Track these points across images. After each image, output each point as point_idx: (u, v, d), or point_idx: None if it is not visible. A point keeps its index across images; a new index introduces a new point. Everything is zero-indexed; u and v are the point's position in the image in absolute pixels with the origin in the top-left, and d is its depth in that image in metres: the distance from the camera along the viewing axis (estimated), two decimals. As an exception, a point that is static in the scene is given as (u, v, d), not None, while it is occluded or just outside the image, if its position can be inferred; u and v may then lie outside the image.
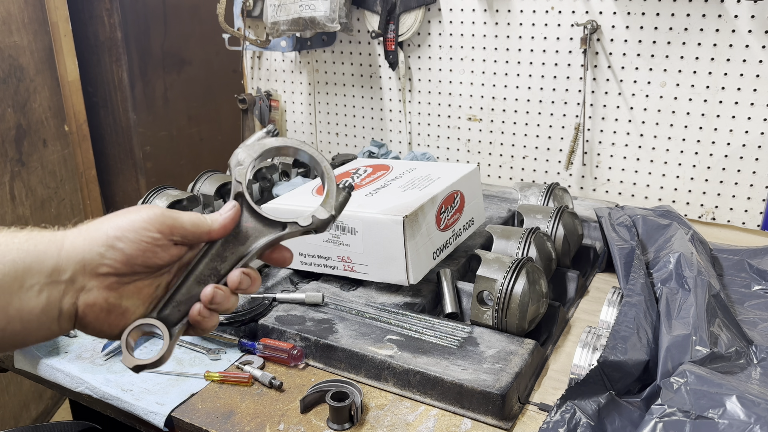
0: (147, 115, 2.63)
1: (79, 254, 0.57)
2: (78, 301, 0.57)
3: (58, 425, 1.10)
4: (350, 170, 1.40)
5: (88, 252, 0.57)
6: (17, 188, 2.09)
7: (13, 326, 0.55)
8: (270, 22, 1.78)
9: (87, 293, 0.57)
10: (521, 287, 1.03)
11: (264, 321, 1.08)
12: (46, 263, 0.56)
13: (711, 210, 1.59)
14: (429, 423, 0.90)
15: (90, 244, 0.57)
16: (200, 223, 0.61)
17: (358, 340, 1.02)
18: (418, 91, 1.89)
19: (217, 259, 0.62)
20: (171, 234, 0.59)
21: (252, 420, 0.91)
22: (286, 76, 2.11)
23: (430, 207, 1.15)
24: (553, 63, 1.66)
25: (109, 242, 0.57)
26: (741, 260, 1.30)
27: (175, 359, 1.05)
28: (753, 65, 1.44)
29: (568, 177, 1.74)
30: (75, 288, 0.57)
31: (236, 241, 0.63)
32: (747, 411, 0.75)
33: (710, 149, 1.55)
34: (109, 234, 0.57)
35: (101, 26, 2.43)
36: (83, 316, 0.58)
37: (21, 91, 2.07)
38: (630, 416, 0.87)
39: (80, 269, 0.57)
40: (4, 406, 2.11)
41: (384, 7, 1.77)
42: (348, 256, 1.15)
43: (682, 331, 0.92)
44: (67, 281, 0.57)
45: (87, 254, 0.57)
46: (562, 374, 1.01)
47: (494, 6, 1.68)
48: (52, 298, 0.56)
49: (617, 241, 1.22)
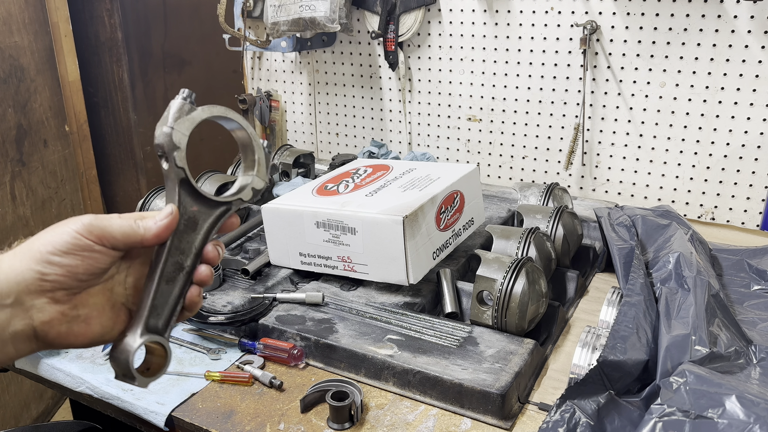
0: (147, 116, 2.63)
1: (18, 275, 0.56)
2: (33, 321, 0.56)
3: (59, 425, 1.11)
4: (350, 170, 1.40)
5: (27, 271, 0.56)
6: (18, 188, 2.09)
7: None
8: (270, 22, 1.79)
9: (39, 311, 0.56)
10: (521, 287, 1.03)
11: (264, 321, 1.08)
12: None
13: (710, 210, 1.59)
14: (429, 422, 0.90)
15: (27, 263, 0.56)
16: (131, 233, 0.59)
17: (358, 339, 1.03)
18: (418, 91, 1.89)
19: (177, 252, 0.61)
20: (101, 242, 0.58)
21: (252, 419, 0.91)
22: (286, 77, 2.11)
23: (430, 207, 1.15)
24: (553, 63, 1.66)
25: (44, 258, 0.56)
26: (740, 260, 1.30)
27: (175, 359, 1.05)
28: (752, 65, 1.45)
29: (567, 177, 1.75)
30: (23, 309, 0.56)
31: (188, 230, 0.62)
32: (746, 411, 0.75)
33: (709, 149, 1.55)
34: (42, 250, 0.56)
35: (102, 26, 2.43)
36: (44, 334, 0.57)
37: (22, 92, 2.07)
38: (629, 416, 0.87)
39: (24, 290, 0.56)
40: (4, 406, 2.11)
41: (384, 8, 1.77)
42: (348, 256, 1.15)
43: (682, 331, 0.92)
44: (12, 305, 0.55)
45: (26, 274, 0.56)
46: (561, 374, 1.01)
47: (494, 6, 1.69)
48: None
49: (617, 241, 1.22)
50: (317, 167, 1.87)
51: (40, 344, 0.58)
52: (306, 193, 1.26)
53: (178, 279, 0.61)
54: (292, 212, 1.18)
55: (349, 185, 1.28)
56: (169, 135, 0.60)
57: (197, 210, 0.63)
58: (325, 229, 1.15)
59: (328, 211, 1.15)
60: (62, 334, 0.58)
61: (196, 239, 0.63)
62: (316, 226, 1.16)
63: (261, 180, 0.68)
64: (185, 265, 0.62)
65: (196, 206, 0.63)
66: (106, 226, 0.58)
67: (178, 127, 0.60)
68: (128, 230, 0.59)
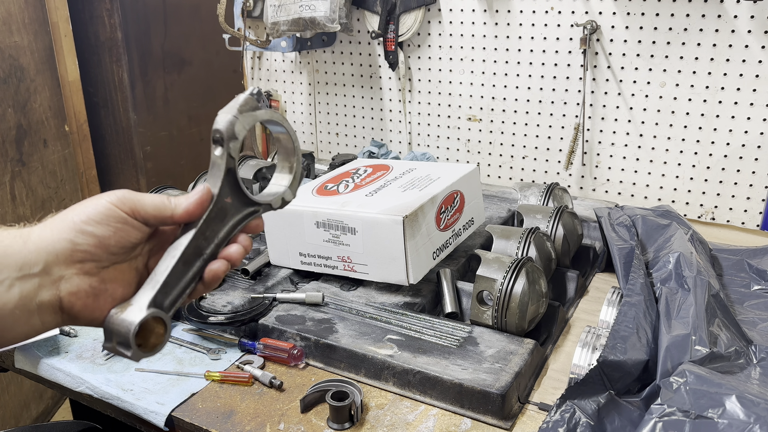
0: (147, 115, 2.63)
1: (49, 245, 0.56)
2: (60, 292, 0.56)
3: (59, 425, 1.11)
4: (350, 170, 1.40)
5: (58, 241, 0.56)
6: (18, 188, 2.09)
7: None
8: (270, 22, 1.79)
9: (67, 282, 0.56)
10: (521, 287, 1.03)
11: (264, 321, 1.08)
12: (13, 258, 0.55)
13: (710, 210, 1.59)
14: (429, 422, 0.90)
15: (59, 233, 0.56)
16: (162, 207, 0.60)
17: (358, 339, 1.03)
18: (418, 91, 1.89)
19: (201, 237, 0.61)
20: (134, 215, 0.59)
21: (252, 419, 0.91)
22: (286, 77, 2.11)
23: (430, 207, 1.15)
24: (553, 63, 1.66)
25: (78, 228, 0.57)
26: (740, 260, 1.30)
27: (175, 359, 1.05)
28: (752, 65, 1.45)
29: (567, 177, 1.75)
30: (51, 279, 0.56)
31: (217, 219, 0.62)
32: (746, 411, 0.75)
33: (710, 149, 1.55)
34: (76, 220, 0.57)
35: (102, 26, 2.43)
36: (70, 306, 0.57)
37: (21, 91, 2.07)
38: (630, 416, 0.87)
39: (53, 260, 0.56)
40: (4, 406, 2.11)
41: (384, 8, 1.77)
42: (348, 256, 1.15)
43: (682, 331, 0.92)
44: (40, 274, 0.56)
45: (57, 244, 0.56)
46: (561, 374, 1.01)
47: (494, 6, 1.69)
48: (25, 293, 0.55)
49: (617, 241, 1.22)
50: (317, 167, 1.87)
51: (65, 317, 0.58)
52: (306, 193, 1.26)
53: (194, 264, 0.61)
54: (292, 212, 1.18)
55: (349, 185, 1.28)
56: (232, 123, 0.61)
57: (230, 202, 0.63)
58: (325, 229, 1.15)
59: (328, 211, 1.15)
60: (88, 307, 0.58)
61: (221, 230, 0.63)
62: (316, 226, 1.16)
63: (292, 193, 0.69)
64: (205, 252, 0.62)
65: (231, 198, 0.63)
66: (139, 199, 0.59)
67: (242, 119, 0.61)
68: (160, 204, 0.60)
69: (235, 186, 0.63)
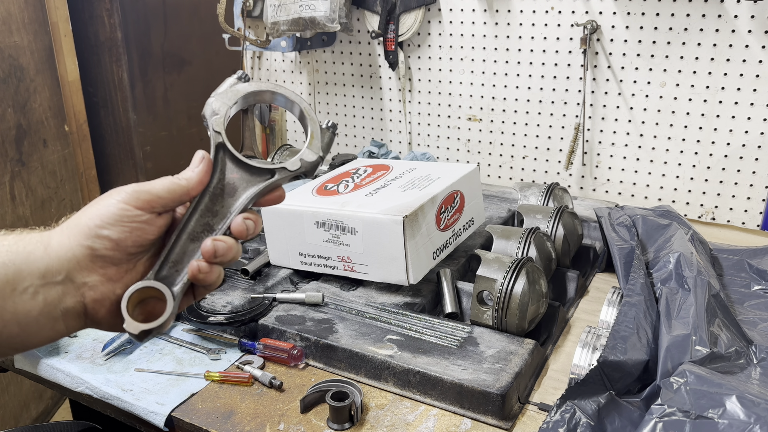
0: (147, 115, 2.63)
1: (68, 252, 0.56)
2: (84, 298, 0.57)
3: (59, 425, 1.10)
4: (350, 170, 1.40)
5: (76, 248, 0.56)
6: (17, 188, 2.09)
7: (10, 329, 0.55)
8: (270, 22, 1.79)
9: (92, 290, 0.57)
10: (521, 287, 1.03)
11: (264, 321, 1.08)
12: (35, 265, 0.55)
13: (711, 210, 1.59)
14: (429, 423, 0.90)
15: (76, 239, 0.56)
16: (175, 187, 0.60)
17: (358, 340, 1.02)
18: (418, 91, 1.89)
19: (208, 214, 0.61)
20: (151, 207, 0.58)
21: (252, 420, 0.91)
22: (286, 77, 2.11)
23: (430, 207, 1.15)
24: (553, 63, 1.66)
25: (93, 233, 0.56)
26: (741, 260, 1.30)
27: (175, 359, 1.05)
28: (753, 65, 1.45)
29: (568, 177, 1.74)
30: (75, 286, 0.56)
31: (224, 194, 0.62)
32: (747, 411, 0.75)
33: (710, 149, 1.55)
34: (90, 225, 0.56)
35: (101, 26, 2.43)
36: (94, 312, 0.57)
37: (21, 91, 2.07)
38: (630, 416, 0.87)
39: (74, 267, 0.56)
40: (4, 406, 2.11)
41: (384, 7, 1.77)
42: (348, 256, 1.15)
43: (682, 331, 0.92)
44: (64, 281, 0.56)
45: (76, 250, 0.56)
46: (562, 374, 1.01)
47: (494, 6, 1.69)
48: (49, 300, 0.55)
49: (617, 241, 1.22)
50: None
51: (89, 321, 0.58)
52: (306, 193, 1.26)
53: (202, 240, 0.60)
54: (292, 212, 1.18)
55: (349, 185, 1.28)
56: (210, 103, 0.62)
57: (238, 177, 0.62)
58: (325, 229, 1.15)
59: (328, 211, 1.15)
60: (112, 313, 0.58)
61: (233, 204, 0.62)
62: (316, 226, 1.16)
63: (312, 152, 0.65)
64: (215, 228, 0.61)
65: (237, 173, 0.62)
66: (150, 189, 0.59)
67: (221, 97, 0.62)
68: (171, 185, 0.60)
69: (235, 160, 0.62)
